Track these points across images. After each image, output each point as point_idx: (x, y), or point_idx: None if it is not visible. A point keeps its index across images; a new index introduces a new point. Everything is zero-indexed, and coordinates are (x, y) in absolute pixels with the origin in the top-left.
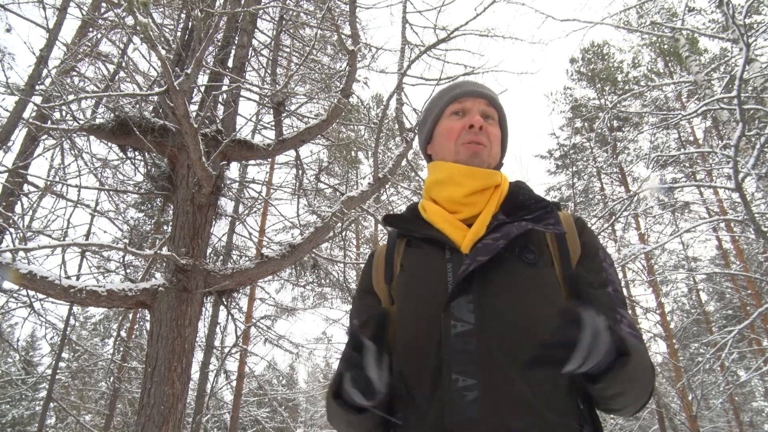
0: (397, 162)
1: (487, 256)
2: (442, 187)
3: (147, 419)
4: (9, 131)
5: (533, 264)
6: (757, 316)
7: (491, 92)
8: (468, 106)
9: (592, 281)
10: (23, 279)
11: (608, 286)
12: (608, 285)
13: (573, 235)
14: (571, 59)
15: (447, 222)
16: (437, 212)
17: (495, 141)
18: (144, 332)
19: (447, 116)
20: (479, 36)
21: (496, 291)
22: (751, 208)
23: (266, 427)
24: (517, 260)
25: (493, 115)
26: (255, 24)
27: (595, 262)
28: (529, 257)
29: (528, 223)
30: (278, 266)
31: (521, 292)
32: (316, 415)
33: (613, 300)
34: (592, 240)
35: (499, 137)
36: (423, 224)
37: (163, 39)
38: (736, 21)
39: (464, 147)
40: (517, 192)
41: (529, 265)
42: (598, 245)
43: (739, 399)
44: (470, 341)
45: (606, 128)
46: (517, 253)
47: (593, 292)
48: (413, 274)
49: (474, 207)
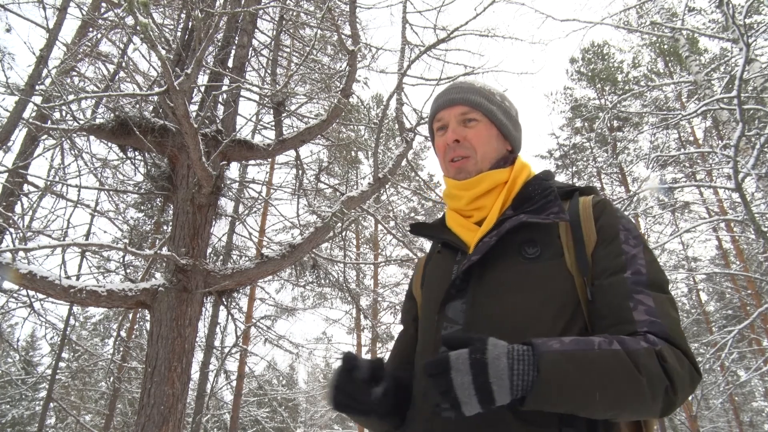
0: (397, 162)
1: (479, 254)
2: (450, 199)
3: (147, 419)
4: (9, 131)
5: (535, 258)
6: (757, 316)
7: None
8: (445, 120)
9: (605, 269)
10: (23, 279)
11: (626, 271)
12: (626, 269)
13: (588, 221)
14: (571, 59)
15: (461, 226)
16: (453, 218)
17: (480, 143)
18: (144, 332)
19: (436, 134)
20: (479, 36)
21: (488, 290)
22: (751, 208)
23: (266, 427)
24: (515, 256)
25: (474, 115)
26: (255, 24)
27: (613, 245)
28: (530, 251)
29: (526, 215)
30: (278, 266)
31: (513, 289)
32: (316, 415)
33: (628, 286)
34: (611, 221)
35: (486, 135)
36: (444, 230)
37: (163, 39)
38: (736, 21)
39: (450, 165)
40: (529, 183)
41: (529, 260)
42: (618, 225)
43: (739, 399)
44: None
45: (606, 128)
46: (518, 249)
47: (604, 283)
48: (430, 277)
49: (483, 210)
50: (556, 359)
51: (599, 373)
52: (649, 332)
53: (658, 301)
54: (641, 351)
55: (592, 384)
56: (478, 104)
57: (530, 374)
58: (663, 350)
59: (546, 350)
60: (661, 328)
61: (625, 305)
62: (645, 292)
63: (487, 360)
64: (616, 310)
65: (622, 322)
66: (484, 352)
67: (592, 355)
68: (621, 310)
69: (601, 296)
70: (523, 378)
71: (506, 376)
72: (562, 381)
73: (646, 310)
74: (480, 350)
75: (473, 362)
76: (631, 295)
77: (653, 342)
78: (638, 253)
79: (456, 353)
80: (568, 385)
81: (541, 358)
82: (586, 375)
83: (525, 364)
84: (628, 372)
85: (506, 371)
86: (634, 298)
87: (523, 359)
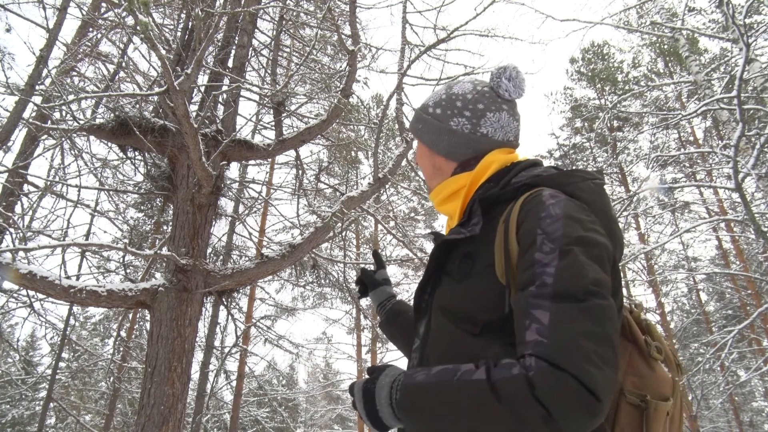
0: (397, 162)
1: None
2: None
3: (147, 419)
4: (9, 131)
5: (463, 276)
6: (757, 316)
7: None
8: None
9: (517, 283)
10: (23, 279)
11: (533, 283)
12: (534, 281)
13: (513, 228)
14: (571, 59)
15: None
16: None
17: (421, 162)
18: (144, 332)
19: None
20: (479, 36)
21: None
22: (751, 208)
23: (266, 427)
24: (449, 274)
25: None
26: (255, 24)
27: (527, 255)
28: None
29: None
30: (278, 266)
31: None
32: (316, 415)
33: (528, 302)
34: (530, 226)
35: (420, 156)
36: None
37: (163, 39)
38: (736, 21)
39: None
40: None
41: (455, 280)
42: (536, 230)
43: (739, 399)
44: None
45: (606, 128)
46: (448, 268)
47: (512, 299)
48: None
49: (452, 219)
50: (414, 391)
51: (451, 404)
52: (533, 354)
53: (556, 316)
54: (506, 379)
55: (444, 415)
56: (413, 131)
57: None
58: (536, 376)
59: (409, 382)
60: (545, 350)
61: (521, 324)
62: (543, 306)
63: (374, 389)
64: (517, 330)
65: (520, 342)
66: (374, 382)
67: (449, 386)
68: (519, 330)
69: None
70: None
71: (386, 404)
72: (416, 412)
73: (537, 329)
74: (372, 380)
75: (365, 391)
76: (529, 311)
77: (528, 367)
78: (551, 260)
79: (357, 382)
80: (422, 415)
81: (404, 389)
82: (439, 406)
83: (401, 394)
84: (485, 402)
85: (386, 400)
86: (531, 314)
87: (400, 389)
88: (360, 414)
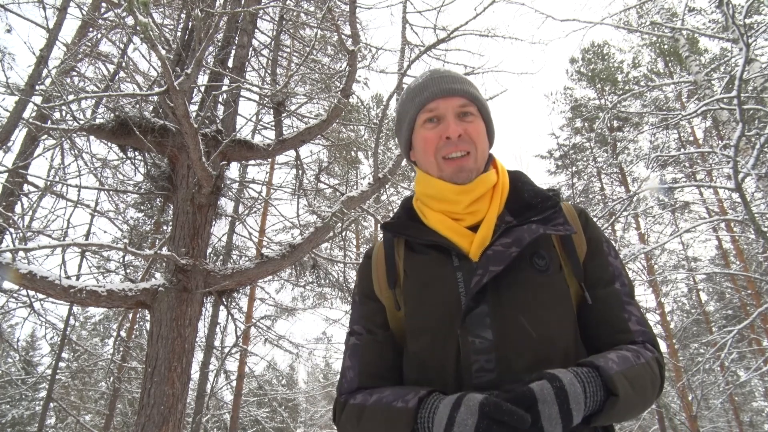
0: (397, 162)
1: (501, 265)
2: (438, 202)
3: (147, 419)
4: (9, 131)
5: (544, 270)
6: (757, 316)
7: (462, 84)
8: (441, 112)
9: (599, 279)
10: (23, 279)
11: (615, 282)
12: (615, 280)
13: (578, 231)
14: (571, 59)
15: (452, 230)
16: (440, 221)
17: (479, 139)
18: (144, 332)
19: (421, 124)
20: (479, 36)
21: (512, 303)
22: (751, 208)
23: (266, 427)
24: (528, 267)
25: (471, 109)
26: (255, 24)
27: (601, 257)
28: (540, 263)
29: (539, 227)
30: (278, 266)
31: (536, 304)
32: (316, 415)
33: (621, 298)
34: (596, 233)
35: (483, 131)
36: (426, 230)
37: (163, 39)
38: (736, 21)
39: (447, 164)
40: (521, 188)
41: (540, 272)
42: (602, 237)
43: (739, 399)
44: (490, 358)
45: (606, 128)
46: (528, 260)
47: (600, 293)
48: (422, 282)
49: (476, 214)
50: (621, 379)
51: (643, 385)
52: (644, 342)
53: (640, 311)
54: (652, 360)
55: (639, 395)
56: (476, 98)
57: (599, 394)
58: (658, 357)
59: (613, 372)
60: (650, 337)
61: (621, 316)
62: (632, 303)
63: (566, 387)
64: (615, 320)
65: (622, 331)
66: (561, 381)
67: (636, 369)
68: (619, 321)
69: (601, 305)
70: (593, 399)
71: (582, 399)
72: (628, 398)
73: (637, 320)
74: (557, 379)
75: (557, 392)
76: (624, 306)
77: (651, 350)
78: (619, 265)
79: (538, 386)
80: (630, 400)
81: (611, 380)
82: (638, 388)
83: (594, 386)
84: (653, 379)
85: (581, 395)
86: (626, 309)
87: (591, 381)
88: (543, 420)
